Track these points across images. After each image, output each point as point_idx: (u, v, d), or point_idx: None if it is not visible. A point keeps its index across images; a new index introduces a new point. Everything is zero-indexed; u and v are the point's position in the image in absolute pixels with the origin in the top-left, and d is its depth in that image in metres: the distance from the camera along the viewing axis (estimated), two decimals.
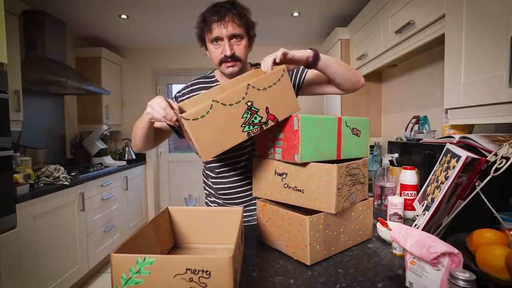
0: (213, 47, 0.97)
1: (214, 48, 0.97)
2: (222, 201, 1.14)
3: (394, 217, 1.01)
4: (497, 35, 0.94)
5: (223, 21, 0.92)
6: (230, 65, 0.97)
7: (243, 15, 0.95)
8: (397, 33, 1.61)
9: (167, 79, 3.70)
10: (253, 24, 1.01)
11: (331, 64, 0.93)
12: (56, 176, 2.02)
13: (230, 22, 0.92)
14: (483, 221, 0.80)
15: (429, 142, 1.28)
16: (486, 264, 0.58)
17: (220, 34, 0.93)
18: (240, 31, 0.95)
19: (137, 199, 3.27)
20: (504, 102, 0.92)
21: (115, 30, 2.93)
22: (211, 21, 0.93)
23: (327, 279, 0.69)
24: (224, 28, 0.92)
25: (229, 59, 0.96)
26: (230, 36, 0.94)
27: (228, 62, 0.96)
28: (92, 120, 3.03)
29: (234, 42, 0.96)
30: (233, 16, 0.93)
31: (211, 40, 0.96)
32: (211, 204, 1.19)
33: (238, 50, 0.97)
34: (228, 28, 0.92)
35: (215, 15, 0.92)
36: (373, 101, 2.57)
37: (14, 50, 1.89)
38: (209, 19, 0.93)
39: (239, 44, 0.97)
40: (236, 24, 0.94)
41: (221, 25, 0.92)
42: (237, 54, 0.96)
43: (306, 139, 0.77)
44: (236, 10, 0.94)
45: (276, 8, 2.43)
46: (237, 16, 0.94)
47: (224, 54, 0.95)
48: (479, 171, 0.71)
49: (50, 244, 1.89)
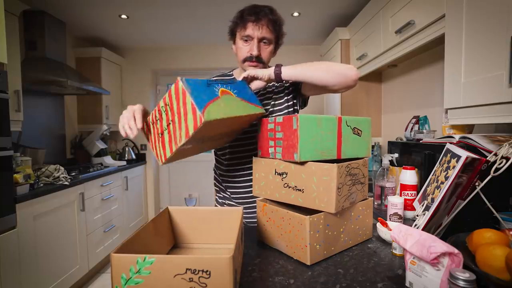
0: (242, 43, 1.02)
1: (243, 45, 1.02)
2: (232, 198, 1.16)
3: (394, 217, 1.01)
4: (497, 35, 0.94)
5: (259, 22, 0.98)
6: (253, 64, 1.02)
7: (277, 23, 1.02)
8: (397, 33, 1.61)
9: (167, 79, 3.70)
10: (283, 34, 1.07)
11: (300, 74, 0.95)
12: (56, 176, 2.02)
13: (264, 25, 0.99)
14: (483, 221, 0.80)
15: (429, 142, 1.28)
16: (486, 264, 0.58)
17: (252, 34, 0.99)
18: (270, 36, 1.01)
19: (137, 199, 3.27)
20: (504, 102, 0.92)
21: (115, 30, 2.93)
22: (248, 19, 0.98)
23: (327, 279, 0.69)
24: (258, 29, 0.98)
25: (254, 59, 1.01)
26: (261, 38, 1.00)
27: (253, 62, 1.01)
28: (92, 120, 3.03)
29: (262, 45, 1.02)
30: (268, 21, 0.99)
31: (242, 36, 1.01)
32: (220, 200, 1.21)
33: (264, 53, 1.03)
34: (261, 30, 0.99)
35: (253, 15, 0.98)
36: (373, 101, 2.57)
37: (14, 50, 1.89)
38: (246, 17, 0.99)
39: (266, 48, 1.03)
40: (269, 29, 1.00)
41: (256, 26, 0.98)
42: (262, 57, 1.02)
43: (305, 138, 0.78)
44: (273, 16, 1.00)
45: (276, 8, 2.43)
46: (272, 22, 1.00)
47: (251, 53, 1.00)
48: (479, 171, 0.71)
49: (50, 244, 1.89)
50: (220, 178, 1.19)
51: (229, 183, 1.15)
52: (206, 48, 3.41)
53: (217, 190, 1.24)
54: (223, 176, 1.17)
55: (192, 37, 3.12)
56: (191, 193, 3.75)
